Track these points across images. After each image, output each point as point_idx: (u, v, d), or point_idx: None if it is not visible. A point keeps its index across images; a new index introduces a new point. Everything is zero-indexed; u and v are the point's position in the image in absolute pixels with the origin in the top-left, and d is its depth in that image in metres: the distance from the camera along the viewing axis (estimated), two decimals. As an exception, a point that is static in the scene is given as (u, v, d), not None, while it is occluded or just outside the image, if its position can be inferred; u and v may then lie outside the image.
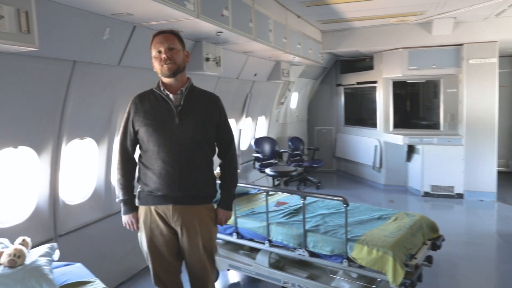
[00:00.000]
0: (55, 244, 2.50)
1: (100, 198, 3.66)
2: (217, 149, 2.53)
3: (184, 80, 2.41)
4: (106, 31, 3.02)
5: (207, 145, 2.42)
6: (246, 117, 6.60)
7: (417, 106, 7.64)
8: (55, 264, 2.47)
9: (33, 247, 2.55)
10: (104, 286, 2.26)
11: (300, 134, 8.67)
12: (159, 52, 2.30)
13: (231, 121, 6.26)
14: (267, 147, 7.18)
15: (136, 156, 2.46)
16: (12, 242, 2.35)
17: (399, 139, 6.98)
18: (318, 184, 7.69)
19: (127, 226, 2.48)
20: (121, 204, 2.45)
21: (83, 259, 3.19)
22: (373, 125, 7.82)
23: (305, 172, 7.88)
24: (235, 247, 3.77)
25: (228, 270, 3.80)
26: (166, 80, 2.36)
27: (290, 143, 7.92)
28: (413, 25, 6.63)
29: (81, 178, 3.65)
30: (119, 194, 2.44)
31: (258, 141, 7.08)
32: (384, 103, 7.49)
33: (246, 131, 6.87)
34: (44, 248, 2.34)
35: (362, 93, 8.38)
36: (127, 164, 2.43)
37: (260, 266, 3.50)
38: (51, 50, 2.76)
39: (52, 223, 3.18)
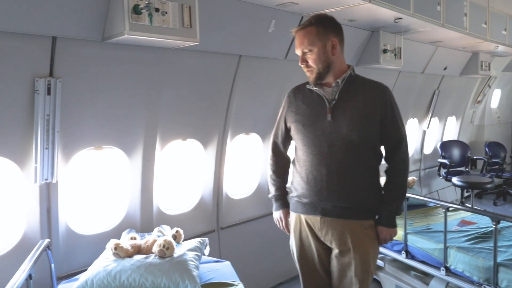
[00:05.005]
0: (206, 239, 2.52)
1: (263, 194, 3.63)
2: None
3: (342, 70, 2.04)
4: (271, 23, 2.92)
5: (367, 147, 2.02)
6: (432, 117, 5.86)
7: None
8: (205, 258, 2.49)
9: (196, 236, 2.65)
10: None
11: (501, 139, 7.35)
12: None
13: (413, 121, 5.65)
14: (456, 152, 6.28)
15: (290, 153, 2.26)
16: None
17: None
18: (523, 202, 6.30)
19: (277, 224, 2.32)
20: (273, 200, 2.29)
21: (239, 254, 3.21)
22: None
23: (506, 184, 6.55)
24: (406, 266, 3.24)
25: (395, 291, 3.32)
26: None
27: (487, 149, 6.73)
28: None
29: (246, 173, 3.69)
30: (271, 190, 2.29)
31: (446, 145, 6.23)
32: None
33: (431, 133, 6.11)
34: (194, 242, 2.35)
35: None
36: (278, 160, 2.24)
37: (434, 294, 2.92)
38: (216, 45, 2.81)
39: (215, 215, 3.28)
